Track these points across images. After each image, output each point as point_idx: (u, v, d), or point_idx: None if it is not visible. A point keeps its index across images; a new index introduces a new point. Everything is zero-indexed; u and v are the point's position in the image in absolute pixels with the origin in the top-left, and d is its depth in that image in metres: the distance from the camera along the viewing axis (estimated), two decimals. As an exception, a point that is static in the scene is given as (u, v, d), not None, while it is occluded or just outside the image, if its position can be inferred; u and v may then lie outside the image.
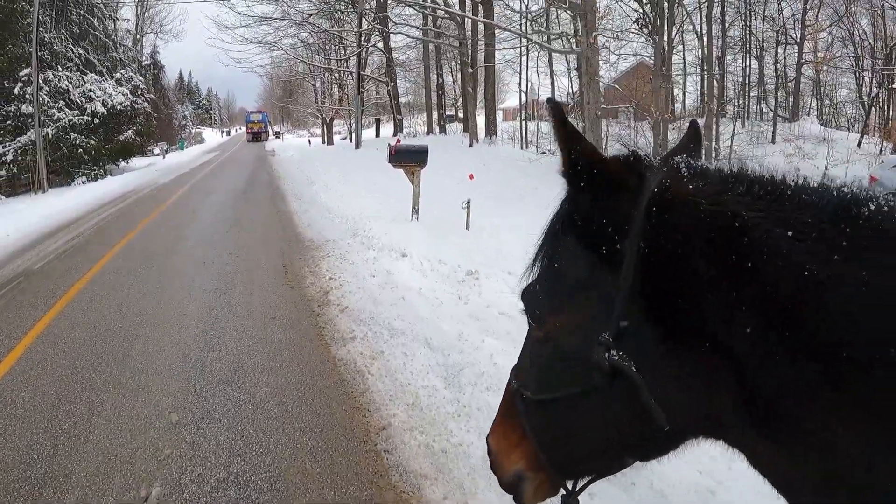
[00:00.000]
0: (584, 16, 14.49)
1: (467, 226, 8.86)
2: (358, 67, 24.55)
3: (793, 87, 27.56)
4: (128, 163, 29.08)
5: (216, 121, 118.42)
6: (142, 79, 29.84)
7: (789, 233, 0.71)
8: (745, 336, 0.72)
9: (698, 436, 0.87)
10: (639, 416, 0.82)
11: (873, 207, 0.69)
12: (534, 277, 0.99)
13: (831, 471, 0.70)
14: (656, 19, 19.75)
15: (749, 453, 0.82)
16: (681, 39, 26.16)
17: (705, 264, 0.75)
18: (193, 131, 74.05)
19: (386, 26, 22.77)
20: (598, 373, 0.83)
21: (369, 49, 27.74)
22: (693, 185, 0.80)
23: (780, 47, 27.89)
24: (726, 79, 28.26)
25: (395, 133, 29.32)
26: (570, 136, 0.87)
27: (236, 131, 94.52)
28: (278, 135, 68.73)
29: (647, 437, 0.85)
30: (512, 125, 30.84)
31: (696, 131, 1.05)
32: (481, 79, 22.74)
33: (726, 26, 24.58)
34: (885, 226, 0.68)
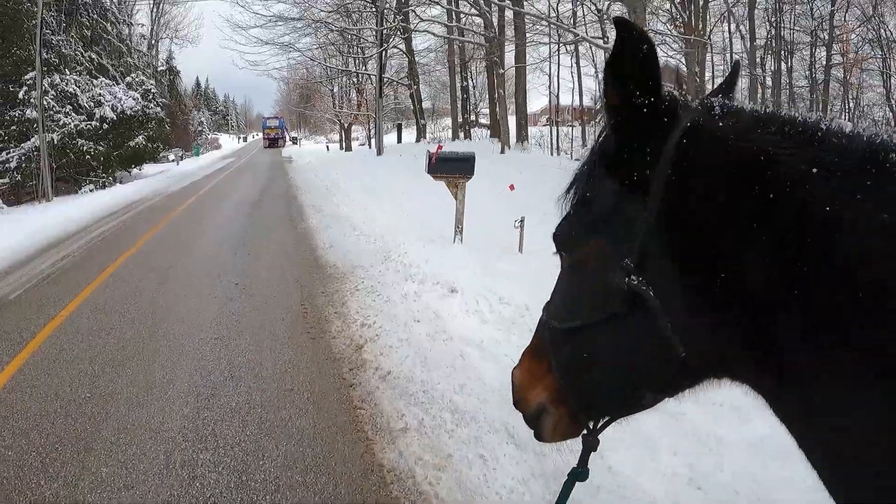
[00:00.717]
0: (633, 9, 13.13)
1: (520, 248, 7.42)
2: (379, 69, 23.14)
3: (821, 90, 26.16)
4: (140, 169, 27.99)
5: (233, 127, 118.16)
6: (153, 83, 28.68)
7: (814, 170, 0.70)
8: (760, 269, 0.72)
9: (715, 373, 0.87)
10: (656, 343, 0.82)
11: None
12: (567, 212, 0.99)
13: (839, 424, 0.68)
14: (690, 17, 18.63)
15: (764, 395, 0.80)
16: (709, 40, 25.01)
17: (728, 196, 0.75)
18: (210, 137, 73.47)
19: (407, 21, 21.46)
20: (619, 298, 0.85)
21: (389, 51, 26.40)
22: (724, 122, 0.80)
23: (810, 48, 26.59)
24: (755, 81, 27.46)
25: (417, 139, 27.90)
26: (631, 63, 0.82)
27: (253, 137, 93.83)
28: (295, 140, 67.80)
29: (664, 368, 0.84)
30: (537, 130, 29.40)
31: (735, 72, 1.07)
32: (509, 81, 21.31)
33: (755, 26, 23.39)
34: None
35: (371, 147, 35.67)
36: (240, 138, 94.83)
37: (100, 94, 23.23)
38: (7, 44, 20.94)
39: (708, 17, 20.85)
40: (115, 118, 23.21)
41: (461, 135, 25.15)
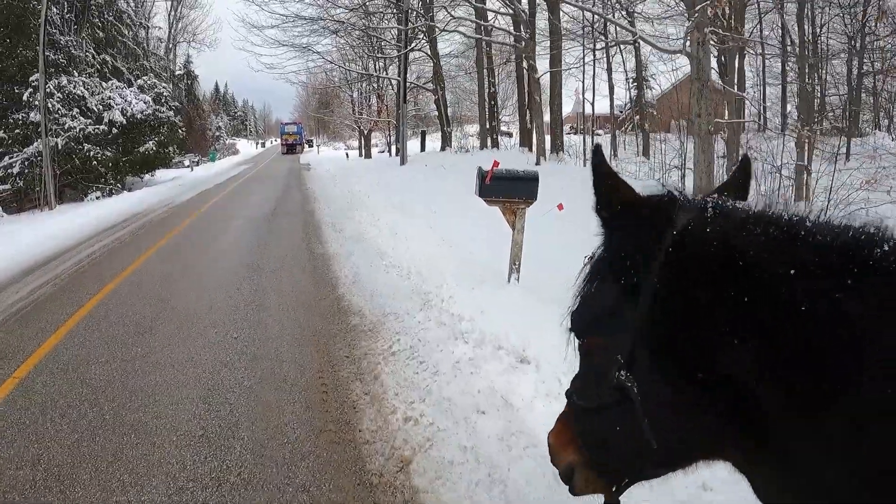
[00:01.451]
0: (691, 6, 11.59)
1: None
2: (404, 71, 21.72)
3: (854, 100, 24.34)
4: (152, 175, 26.82)
5: (251, 132, 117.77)
6: (165, 86, 27.48)
7: (791, 271, 0.73)
8: (740, 368, 0.76)
9: (704, 457, 0.92)
10: (640, 433, 0.87)
11: (887, 249, 0.71)
12: (578, 300, 1.06)
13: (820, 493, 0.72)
14: (728, 19, 17.07)
15: (748, 476, 0.86)
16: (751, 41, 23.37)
17: (709, 299, 0.79)
18: (227, 142, 72.80)
19: (433, 20, 20.04)
20: (613, 390, 0.92)
21: (411, 55, 24.97)
22: (712, 227, 0.84)
23: (844, 56, 24.79)
24: (788, 90, 25.83)
25: (443, 147, 26.29)
26: (606, 177, 0.97)
27: (271, 143, 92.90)
28: (310, 143, 66.76)
29: (648, 453, 0.89)
30: (564, 139, 27.75)
31: (745, 164, 1.11)
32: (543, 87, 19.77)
33: (789, 31, 21.61)
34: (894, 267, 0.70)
35: (392, 155, 34.28)
36: (258, 143, 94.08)
37: (109, 98, 22.04)
38: (13, 44, 19.87)
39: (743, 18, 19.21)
40: (124, 122, 21.99)
41: (489, 143, 23.58)
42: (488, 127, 23.77)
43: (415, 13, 21.64)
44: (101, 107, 21.63)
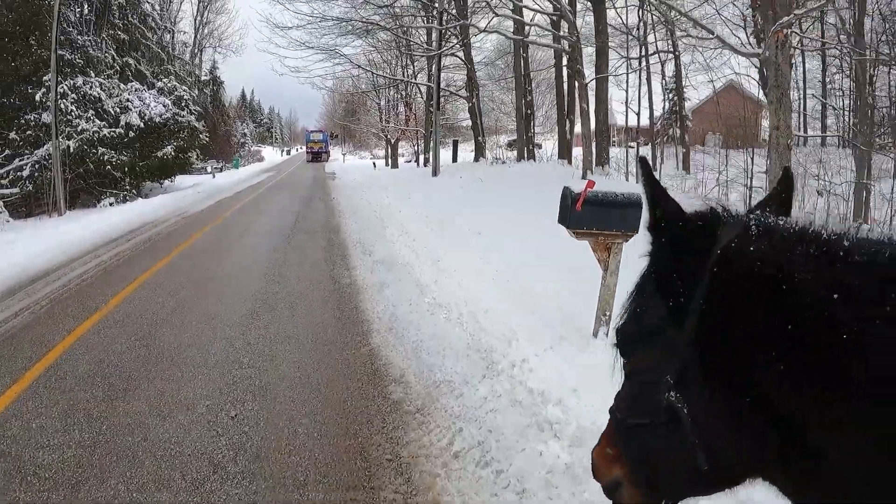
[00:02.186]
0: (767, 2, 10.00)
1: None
2: (437, 76, 20.34)
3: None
4: (172, 181, 25.77)
5: (277, 139, 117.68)
6: (186, 89, 26.45)
7: (835, 295, 0.69)
8: (785, 392, 0.73)
9: (751, 477, 0.88)
10: (688, 453, 0.85)
11: None
12: (625, 319, 1.01)
13: None
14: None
15: (792, 499, 0.82)
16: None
17: (753, 322, 0.76)
18: (252, 149, 72.33)
19: (468, 20, 18.64)
20: (660, 409, 0.88)
21: (442, 62, 23.59)
22: (755, 245, 0.80)
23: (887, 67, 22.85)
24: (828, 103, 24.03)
25: (476, 157, 24.67)
26: (657, 195, 0.91)
27: (297, 150, 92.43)
28: (333, 136, 65.78)
29: (695, 474, 0.87)
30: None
31: (788, 178, 1.02)
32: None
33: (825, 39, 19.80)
34: None
35: (420, 165, 32.88)
36: (283, 151, 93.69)
37: (127, 100, 20.99)
38: (27, 43, 18.92)
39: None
40: (141, 125, 20.90)
41: (525, 154, 22.00)
42: (525, 137, 22.19)
43: (447, 15, 20.25)
44: (117, 109, 20.57)
